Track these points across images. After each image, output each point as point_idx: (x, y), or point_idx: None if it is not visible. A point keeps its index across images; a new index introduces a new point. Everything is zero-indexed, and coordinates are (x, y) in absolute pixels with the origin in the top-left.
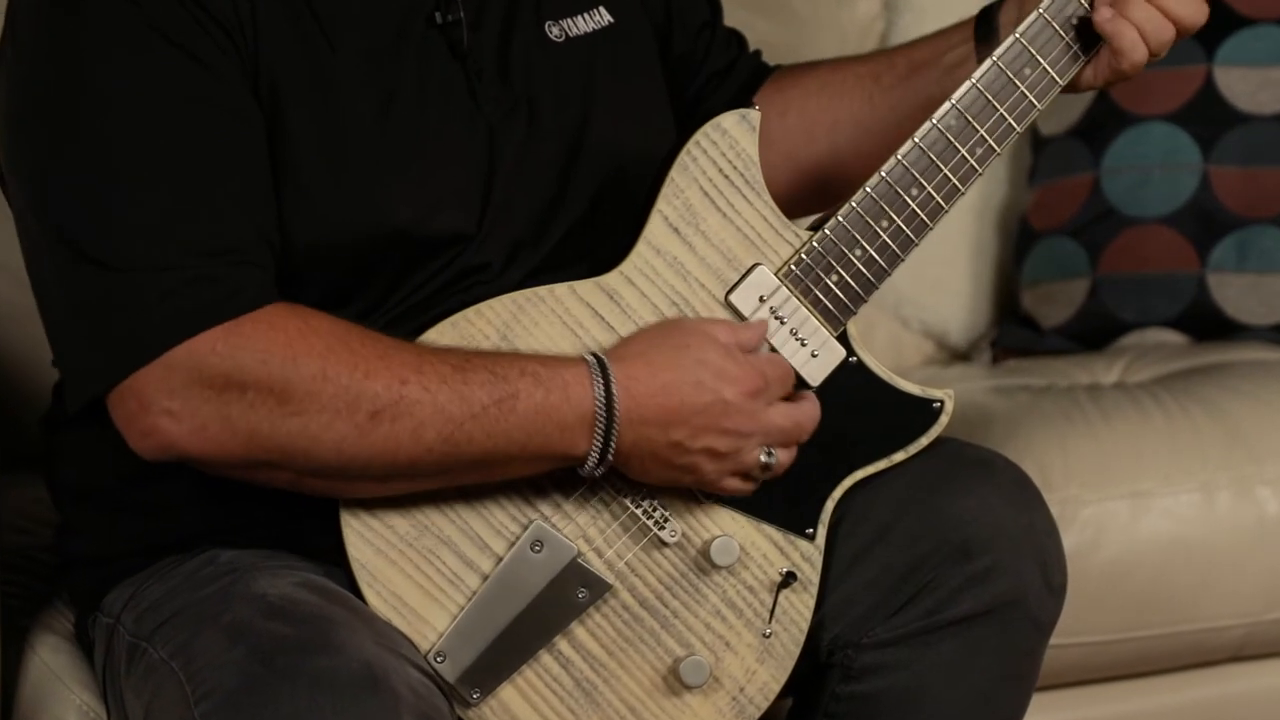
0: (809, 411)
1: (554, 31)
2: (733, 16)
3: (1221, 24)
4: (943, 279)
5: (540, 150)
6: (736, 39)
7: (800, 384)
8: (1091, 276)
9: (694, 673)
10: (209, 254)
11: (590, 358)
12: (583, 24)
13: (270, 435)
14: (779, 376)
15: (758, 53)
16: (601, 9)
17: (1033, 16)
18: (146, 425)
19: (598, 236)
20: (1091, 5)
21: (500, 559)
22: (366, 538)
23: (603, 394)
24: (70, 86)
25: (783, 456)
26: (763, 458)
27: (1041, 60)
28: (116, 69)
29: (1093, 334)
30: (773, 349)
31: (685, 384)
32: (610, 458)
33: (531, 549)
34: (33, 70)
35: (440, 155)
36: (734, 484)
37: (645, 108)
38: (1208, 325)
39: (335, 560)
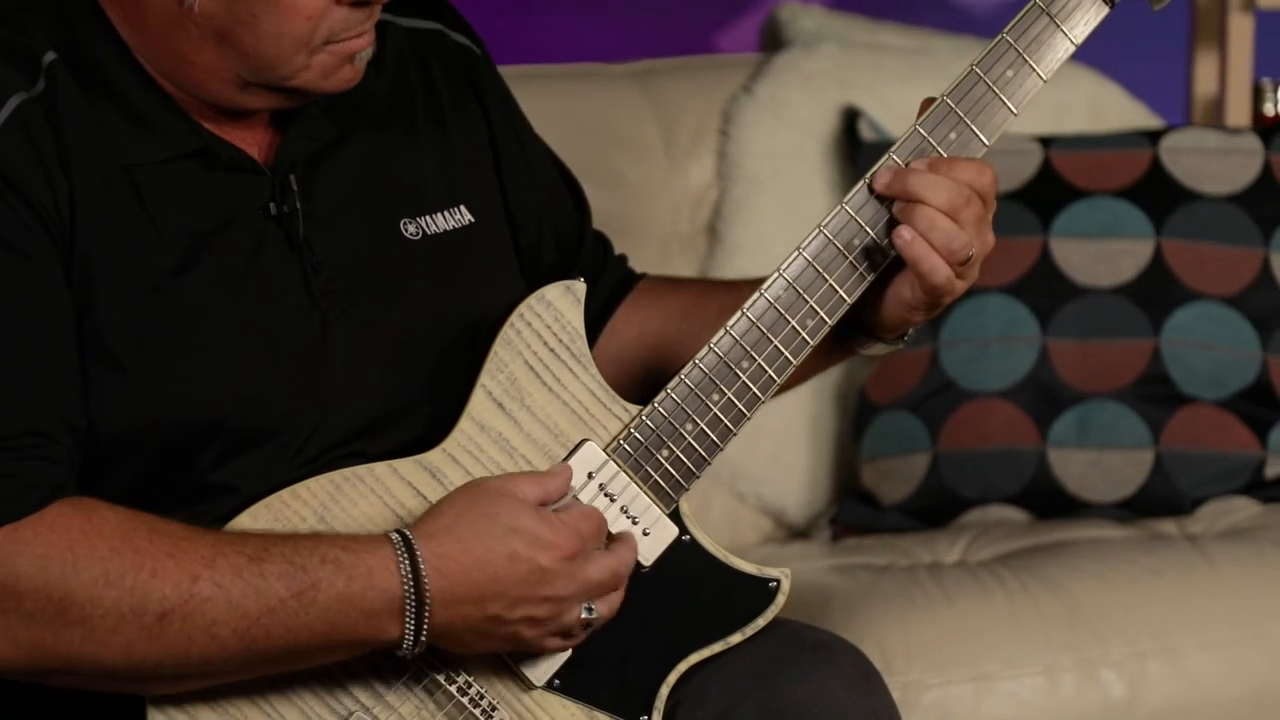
0: (625, 557)
1: (410, 229)
2: None
3: (1056, 196)
4: (780, 453)
5: (385, 346)
6: (603, 244)
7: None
8: (932, 451)
9: None
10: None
11: (396, 536)
12: (442, 222)
13: (53, 645)
14: (593, 530)
15: (623, 258)
16: (463, 208)
17: (858, 185)
18: None
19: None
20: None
21: None
22: None
23: (410, 577)
24: None
25: (603, 608)
26: (583, 614)
27: (870, 231)
28: None
29: (934, 511)
30: None
31: (499, 557)
32: (424, 639)
33: None
34: None
35: (264, 348)
36: (555, 643)
37: (501, 302)
38: (1049, 502)
39: None
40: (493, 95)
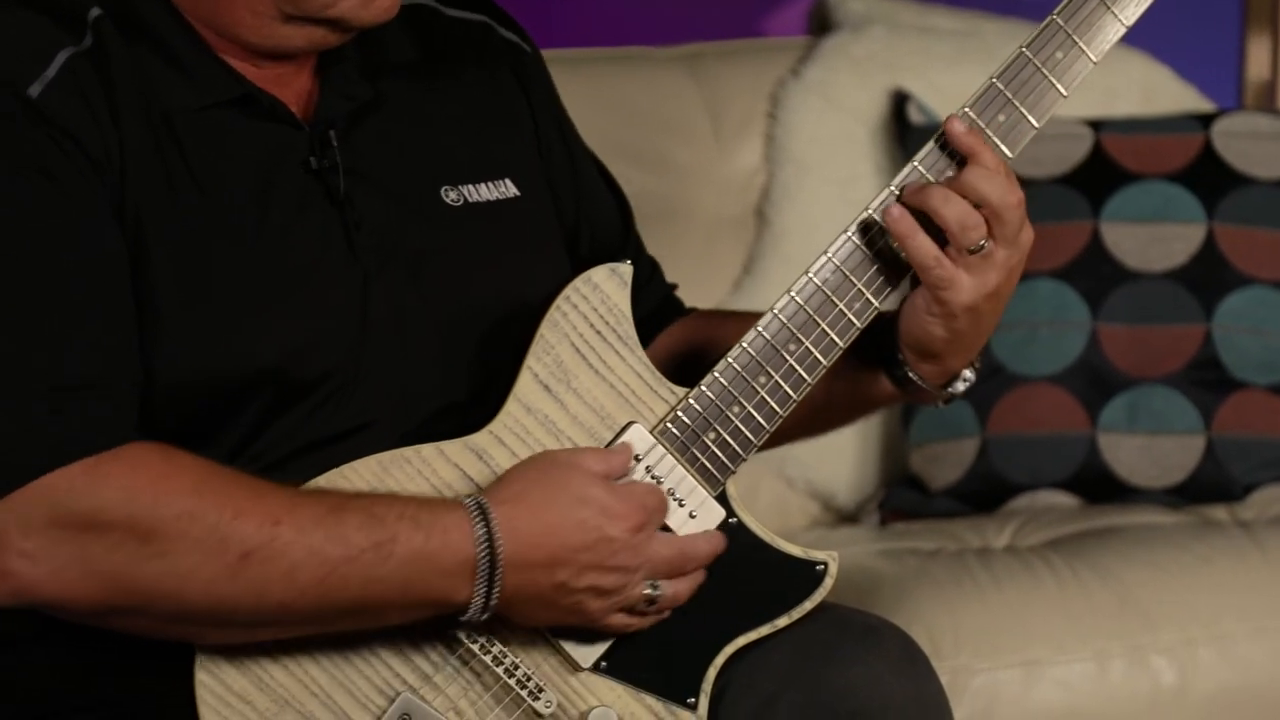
0: (696, 541)
1: (451, 195)
2: (612, 169)
3: (1107, 179)
4: (828, 438)
5: (424, 307)
6: (651, 264)
7: None
8: (980, 436)
9: None
10: (68, 387)
11: (469, 501)
12: (485, 192)
13: (134, 578)
14: (657, 504)
15: (674, 287)
16: (508, 181)
17: (907, 169)
18: (0, 568)
19: (486, 400)
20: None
21: None
22: (222, 713)
23: (485, 539)
24: None
25: (668, 589)
26: (647, 590)
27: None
28: None
29: (982, 496)
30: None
31: (568, 524)
32: (494, 604)
33: None
34: None
35: (308, 298)
36: (620, 620)
37: (544, 276)
38: (1099, 487)
39: None
40: (539, 91)
